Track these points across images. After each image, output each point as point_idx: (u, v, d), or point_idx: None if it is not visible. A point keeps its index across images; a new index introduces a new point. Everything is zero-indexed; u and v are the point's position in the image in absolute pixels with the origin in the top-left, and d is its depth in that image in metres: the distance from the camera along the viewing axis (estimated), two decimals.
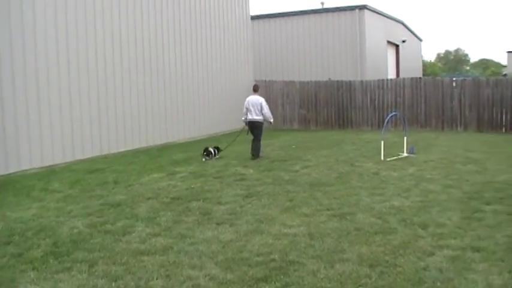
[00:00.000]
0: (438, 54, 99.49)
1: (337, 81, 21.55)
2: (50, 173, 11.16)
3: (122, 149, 14.30)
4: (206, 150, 12.83)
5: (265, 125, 13.47)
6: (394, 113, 15.13)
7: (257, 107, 13.01)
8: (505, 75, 42.25)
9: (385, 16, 30.01)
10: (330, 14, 26.31)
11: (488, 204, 7.70)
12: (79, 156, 12.84)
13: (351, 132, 19.63)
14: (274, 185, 9.40)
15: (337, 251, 5.69)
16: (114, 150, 14.00)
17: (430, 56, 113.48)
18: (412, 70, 36.34)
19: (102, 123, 13.74)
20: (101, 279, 5.00)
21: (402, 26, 35.03)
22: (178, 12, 16.98)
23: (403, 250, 5.67)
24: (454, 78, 20.59)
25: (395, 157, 12.43)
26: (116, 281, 4.94)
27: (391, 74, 32.19)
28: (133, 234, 6.41)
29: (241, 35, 21.30)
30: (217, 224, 6.84)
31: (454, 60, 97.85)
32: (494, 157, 12.44)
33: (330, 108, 21.48)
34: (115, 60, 14.20)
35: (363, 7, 25.59)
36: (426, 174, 10.18)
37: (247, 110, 13.16)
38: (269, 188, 9.12)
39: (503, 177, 9.84)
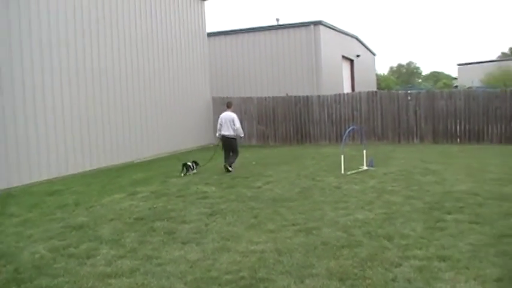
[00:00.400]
0: (391, 68, 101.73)
1: (295, 96, 21.68)
2: (6, 196, 10.84)
3: (81, 170, 14.01)
4: (185, 165, 13.06)
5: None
6: (352, 127, 15.30)
7: (230, 122, 13.48)
8: (456, 86, 43.49)
9: (339, 32, 30.53)
10: (285, 30, 26.55)
11: (449, 213, 7.88)
12: (36, 178, 12.50)
13: (309, 147, 19.79)
14: (237, 202, 9.36)
15: (306, 266, 5.70)
16: (72, 171, 13.70)
17: (383, 70, 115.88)
18: (366, 84, 37.07)
19: (59, 144, 13.43)
20: None
21: (356, 41, 35.73)
22: (134, 30, 16.81)
23: (370, 262, 5.72)
24: (409, 91, 21.04)
25: (355, 170, 12.57)
26: None
27: (347, 88, 32.73)
28: (98, 257, 6.26)
29: (199, 52, 21.27)
30: (183, 243, 6.75)
31: (406, 73, 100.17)
32: (451, 167, 12.75)
33: (288, 123, 21.59)
34: (71, 82, 13.98)
35: (318, 23, 25.96)
36: (387, 186, 10.33)
37: (221, 125, 13.68)
38: (233, 205, 9.08)
39: (461, 187, 10.08)
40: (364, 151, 13.34)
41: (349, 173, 12.26)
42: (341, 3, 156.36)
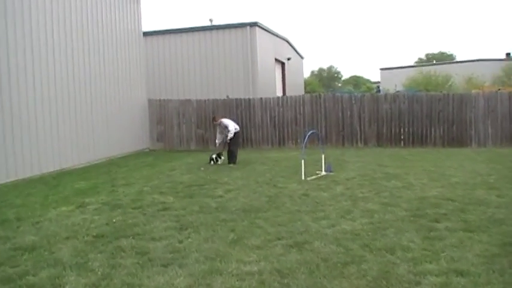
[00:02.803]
0: (312, 72, 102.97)
1: (236, 99, 21.00)
2: None
3: (12, 179, 12.65)
4: (211, 157, 15.38)
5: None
6: (312, 131, 14.76)
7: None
8: (379, 90, 44.39)
9: (273, 34, 30.16)
10: (221, 31, 25.82)
11: (437, 221, 7.48)
12: None
13: (253, 152, 19.09)
14: (204, 213, 8.50)
15: None
16: (2, 181, 12.32)
17: (304, 73, 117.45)
18: (295, 87, 37.08)
19: None
20: None
21: (287, 44, 35.54)
22: (70, 29, 15.48)
23: (385, 281, 5.13)
24: (354, 94, 20.90)
25: (315, 176, 12.07)
26: None
27: (279, 91, 32.47)
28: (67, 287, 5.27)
29: (134, 52, 20.05)
30: (164, 266, 5.82)
31: (327, 78, 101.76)
32: (411, 171, 12.55)
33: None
34: None
35: (254, 24, 25.40)
36: (357, 193, 9.85)
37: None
38: (201, 217, 8.19)
39: (432, 192, 9.82)
40: (323, 156, 12.86)
41: (309, 178, 11.73)
42: (262, 5, 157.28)
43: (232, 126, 15.03)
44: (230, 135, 14.93)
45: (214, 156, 15.27)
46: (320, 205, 8.88)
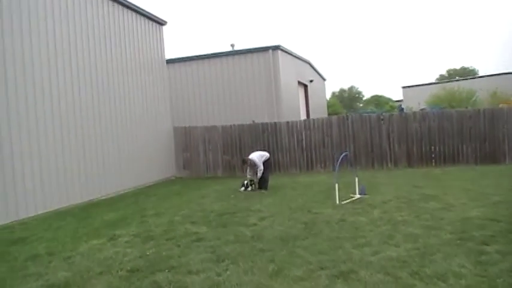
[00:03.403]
0: (333, 93, 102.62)
1: (262, 123, 20.78)
2: None
3: (40, 212, 12.56)
4: (243, 183, 15.18)
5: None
6: (345, 153, 14.46)
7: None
8: (402, 109, 43.85)
9: (295, 56, 30.07)
10: (243, 56, 25.78)
11: (486, 244, 7.13)
12: None
13: (282, 176, 18.80)
14: (240, 243, 8.23)
15: None
16: (31, 214, 12.25)
17: (326, 95, 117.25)
18: (319, 109, 36.86)
19: (15, 182, 11.97)
20: None
21: (309, 66, 35.45)
22: (93, 56, 15.53)
23: None
24: (382, 113, 20.54)
25: (349, 200, 11.75)
26: None
27: (302, 114, 32.24)
28: None
29: (158, 80, 20.05)
30: None
31: (348, 98, 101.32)
32: (449, 191, 12.17)
33: (254, 151, 20.55)
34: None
35: (276, 48, 25.32)
36: (396, 216, 9.51)
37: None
38: (237, 248, 7.92)
39: (474, 212, 9.44)
40: (356, 178, 12.55)
41: (343, 202, 11.41)
42: (280, 29, 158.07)
43: (261, 162, 14.86)
44: (260, 173, 14.80)
45: (246, 182, 15.09)
46: (360, 231, 8.56)
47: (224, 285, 6.08)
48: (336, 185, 11.55)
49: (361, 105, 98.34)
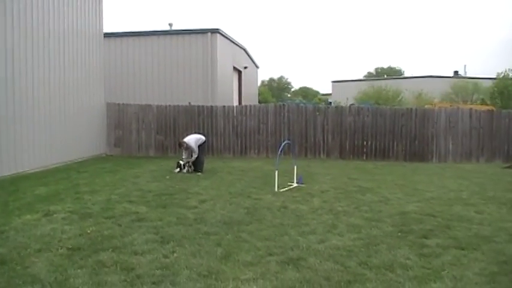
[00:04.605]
0: (262, 81, 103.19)
1: (198, 106, 20.57)
2: None
3: None
4: (178, 164, 14.94)
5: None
6: (287, 141, 14.54)
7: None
8: (330, 103, 44.70)
9: (232, 42, 29.90)
10: (181, 36, 25.38)
11: (426, 237, 7.42)
12: None
13: (215, 160, 18.60)
14: (183, 225, 8.05)
15: None
16: None
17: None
18: (250, 96, 36.91)
19: None
20: None
21: (244, 52, 35.34)
22: (31, 25, 14.72)
23: None
24: (318, 106, 20.83)
25: (286, 188, 11.84)
26: None
27: (235, 100, 32.19)
28: None
29: (94, 53, 19.29)
30: (154, 283, 5.38)
31: (277, 88, 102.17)
32: (383, 185, 12.59)
33: (190, 134, 20.32)
34: None
35: (215, 31, 25.06)
36: (336, 207, 9.67)
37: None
38: (181, 229, 7.74)
39: (410, 207, 9.80)
40: (295, 167, 12.66)
41: (281, 190, 11.48)
42: (215, 13, 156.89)
43: (196, 146, 14.88)
44: (195, 155, 14.84)
45: (182, 163, 14.90)
46: (302, 219, 8.64)
47: (173, 268, 5.92)
48: (276, 172, 11.59)
49: (289, 95, 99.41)
